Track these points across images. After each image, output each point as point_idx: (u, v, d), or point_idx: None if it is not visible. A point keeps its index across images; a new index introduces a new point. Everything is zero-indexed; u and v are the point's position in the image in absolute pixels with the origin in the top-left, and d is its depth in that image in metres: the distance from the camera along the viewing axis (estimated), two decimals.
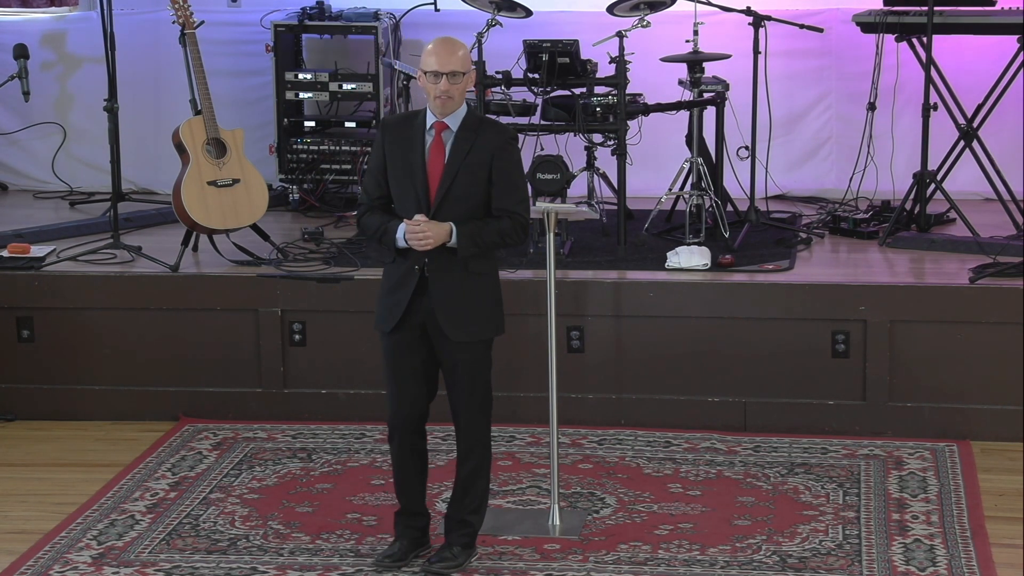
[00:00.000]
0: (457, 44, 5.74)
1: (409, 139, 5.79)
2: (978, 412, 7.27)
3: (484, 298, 5.84)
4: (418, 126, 5.80)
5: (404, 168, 5.78)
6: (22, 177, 9.69)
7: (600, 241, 8.14)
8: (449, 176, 5.74)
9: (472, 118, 5.80)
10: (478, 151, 5.73)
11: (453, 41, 5.76)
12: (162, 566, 6.06)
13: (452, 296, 5.77)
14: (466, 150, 5.74)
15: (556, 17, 8.84)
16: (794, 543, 6.18)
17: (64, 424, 7.66)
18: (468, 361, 5.83)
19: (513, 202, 5.77)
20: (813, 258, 7.94)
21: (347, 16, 9.11)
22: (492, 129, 5.81)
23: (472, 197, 5.74)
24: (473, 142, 5.74)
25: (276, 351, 7.64)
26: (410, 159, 5.77)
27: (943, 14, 8.15)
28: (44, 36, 9.52)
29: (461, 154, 5.74)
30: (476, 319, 5.81)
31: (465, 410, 5.88)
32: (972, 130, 8.27)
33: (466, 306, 5.79)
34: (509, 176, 5.77)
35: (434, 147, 5.77)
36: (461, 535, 5.99)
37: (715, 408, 7.43)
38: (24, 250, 7.93)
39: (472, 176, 5.73)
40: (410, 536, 6.05)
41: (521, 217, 5.78)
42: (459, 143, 5.75)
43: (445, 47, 5.70)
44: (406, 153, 5.78)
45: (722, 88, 8.24)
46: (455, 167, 5.73)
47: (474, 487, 5.96)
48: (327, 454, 7.20)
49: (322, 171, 9.01)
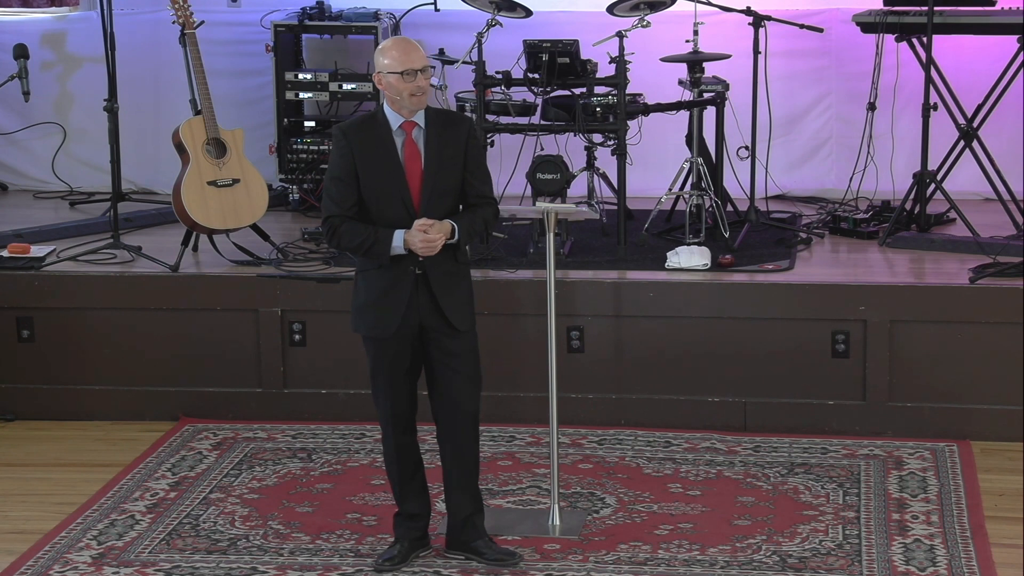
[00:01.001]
0: (413, 41, 5.82)
1: (377, 142, 5.78)
2: (978, 412, 7.27)
3: (469, 285, 5.95)
4: (381, 128, 5.79)
5: (380, 172, 5.76)
6: (22, 177, 9.69)
7: (600, 241, 8.14)
8: (431, 174, 5.77)
9: (433, 113, 5.85)
10: (451, 144, 5.79)
11: (408, 39, 5.84)
12: (162, 566, 6.06)
13: (450, 288, 5.83)
14: (441, 145, 5.78)
15: (556, 17, 8.84)
16: (794, 543, 6.18)
17: (64, 424, 7.66)
18: (469, 348, 5.91)
19: (488, 189, 5.93)
20: (813, 258, 7.94)
21: (347, 16, 9.11)
22: (455, 119, 5.91)
23: (454, 190, 5.82)
24: (443, 136, 5.79)
25: (276, 351, 7.64)
26: (386, 162, 5.77)
27: (943, 14, 8.15)
28: (44, 36, 9.52)
29: (437, 150, 5.78)
30: (471, 306, 5.93)
31: (469, 398, 5.92)
32: (972, 130, 8.27)
33: (463, 295, 5.88)
34: (481, 164, 5.91)
35: (408, 147, 5.78)
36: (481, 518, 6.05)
37: (715, 408, 7.43)
38: (24, 250, 7.93)
39: (452, 170, 5.79)
40: (410, 537, 6.05)
41: (496, 202, 5.95)
42: (431, 139, 5.78)
43: (409, 44, 5.76)
44: (379, 157, 5.77)
45: (722, 88, 8.24)
46: (434, 164, 5.77)
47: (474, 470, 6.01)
48: (327, 454, 7.20)
49: (322, 171, 9.00)
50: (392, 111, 5.78)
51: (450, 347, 5.87)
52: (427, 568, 6.00)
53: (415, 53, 5.73)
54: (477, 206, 5.87)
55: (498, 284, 7.52)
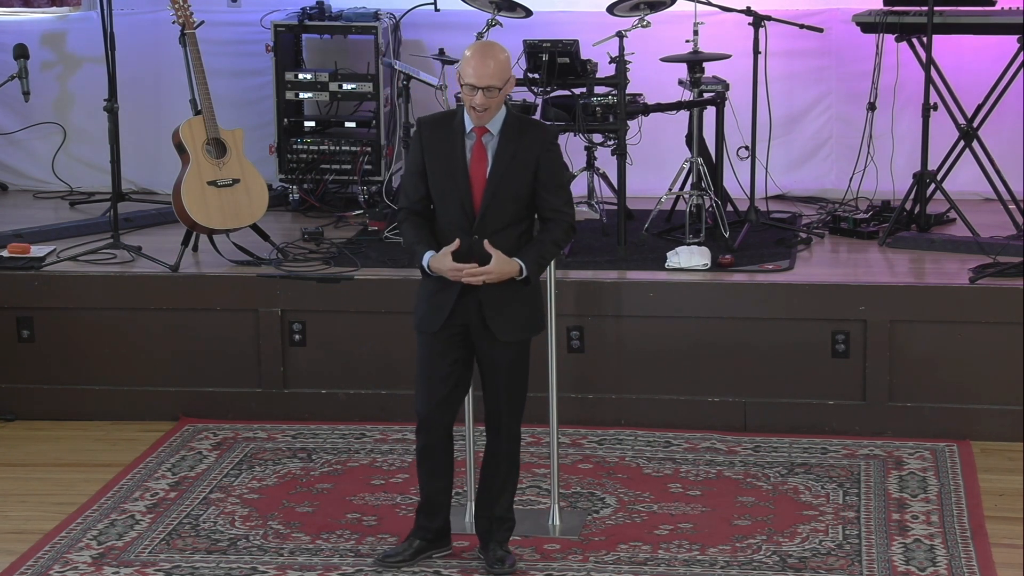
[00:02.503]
0: (493, 54, 5.60)
1: (448, 141, 5.70)
2: (978, 412, 7.27)
3: (530, 298, 5.80)
4: (457, 128, 5.71)
5: (445, 172, 5.70)
6: (22, 177, 9.68)
7: (600, 241, 8.13)
8: (494, 182, 5.65)
9: (512, 120, 5.70)
10: (523, 153, 5.65)
11: (490, 50, 5.63)
12: (162, 566, 6.06)
13: (501, 298, 5.72)
14: (511, 153, 5.65)
15: (556, 17, 8.84)
16: (794, 543, 6.18)
17: (64, 424, 7.66)
18: (512, 360, 5.81)
19: (562, 202, 5.74)
20: (813, 258, 7.94)
21: (347, 16, 9.11)
22: (535, 130, 5.73)
23: (518, 200, 5.68)
24: (517, 145, 5.66)
25: (276, 351, 7.64)
26: (451, 163, 5.68)
27: (943, 14, 8.15)
28: (44, 36, 9.52)
29: (505, 159, 5.65)
30: (522, 318, 5.78)
31: (505, 411, 5.86)
32: (972, 130, 8.27)
33: (514, 306, 5.75)
34: (556, 176, 5.73)
35: (476, 151, 5.68)
36: (504, 531, 5.99)
37: (715, 408, 7.43)
38: (24, 250, 7.93)
39: (518, 180, 5.66)
40: (423, 537, 6.04)
41: (570, 217, 5.76)
42: (503, 147, 5.66)
43: (481, 59, 5.56)
44: (447, 156, 5.69)
45: (722, 88, 8.24)
46: (499, 172, 5.65)
47: (510, 484, 5.96)
48: (327, 454, 7.20)
49: (322, 171, 9.01)
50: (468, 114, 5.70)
51: (490, 356, 5.79)
52: (427, 568, 6.00)
53: (482, 69, 5.54)
54: (550, 221, 5.71)
55: None
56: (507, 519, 6.01)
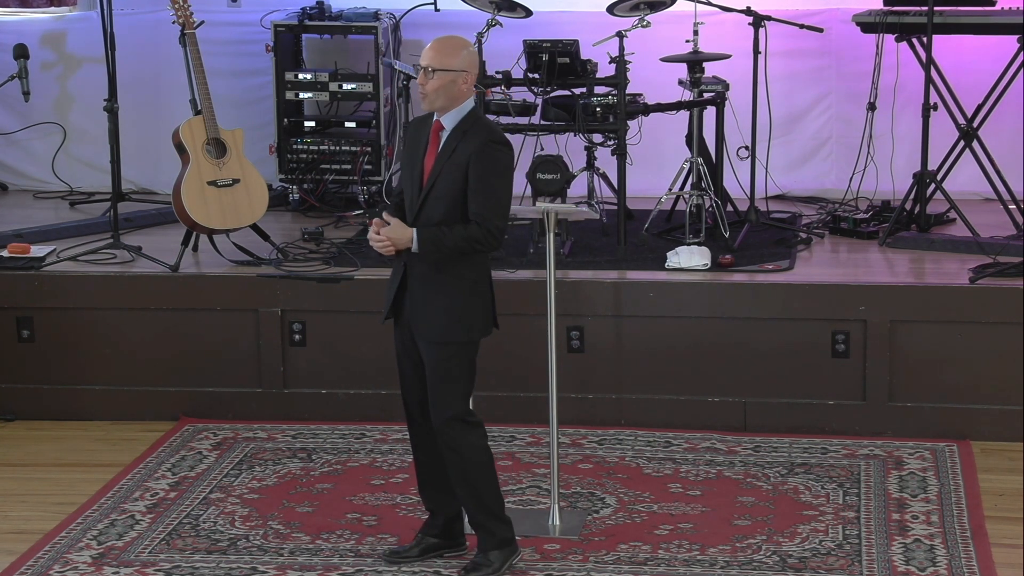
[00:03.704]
0: (445, 39, 5.70)
1: (418, 138, 5.81)
2: (978, 412, 7.27)
3: (457, 299, 5.72)
4: (428, 126, 5.81)
5: (409, 166, 5.82)
6: (22, 177, 9.69)
7: (600, 241, 8.14)
8: (432, 178, 5.72)
9: (468, 119, 5.72)
10: (460, 153, 5.67)
11: (445, 38, 5.73)
12: (162, 566, 6.06)
13: (425, 295, 5.72)
14: (451, 150, 5.69)
15: (556, 17, 8.84)
16: (794, 543, 6.18)
17: (64, 424, 7.66)
18: (435, 361, 5.74)
19: (482, 207, 5.63)
20: (813, 258, 7.94)
21: (347, 16, 9.11)
22: (478, 131, 5.69)
23: (449, 198, 5.66)
24: (459, 143, 5.69)
25: (276, 351, 7.64)
26: (414, 156, 5.80)
27: (943, 14, 8.15)
28: (44, 36, 9.52)
29: (446, 155, 5.71)
30: (441, 320, 5.72)
31: (432, 413, 5.80)
32: (972, 130, 8.27)
33: (436, 306, 5.71)
34: (482, 181, 5.64)
35: (431, 146, 5.77)
36: (481, 537, 5.92)
37: (715, 408, 7.43)
38: (24, 250, 7.93)
39: (451, 177, 5.67)
40: (427, 534, 6.06)
41: (491, 223, 5.62)
42: (447, 144, 5.72)
43: (434, 42, 5.70)
44: (413, 152, 5.81)
45: (722, 88, 8.24)
46: (437, 169, 5.71)
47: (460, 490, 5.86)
48: (327, 454, 7.20)
49: (322, 171, 9.01)
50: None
51: (424, 352, 5.79)
52: (427, 568, 5.99)
53: (427, 50, 5.66)
54: (468, 223, 5.64)
55: (498, 284, 7.41)
56: (479, 525, 5.92)
